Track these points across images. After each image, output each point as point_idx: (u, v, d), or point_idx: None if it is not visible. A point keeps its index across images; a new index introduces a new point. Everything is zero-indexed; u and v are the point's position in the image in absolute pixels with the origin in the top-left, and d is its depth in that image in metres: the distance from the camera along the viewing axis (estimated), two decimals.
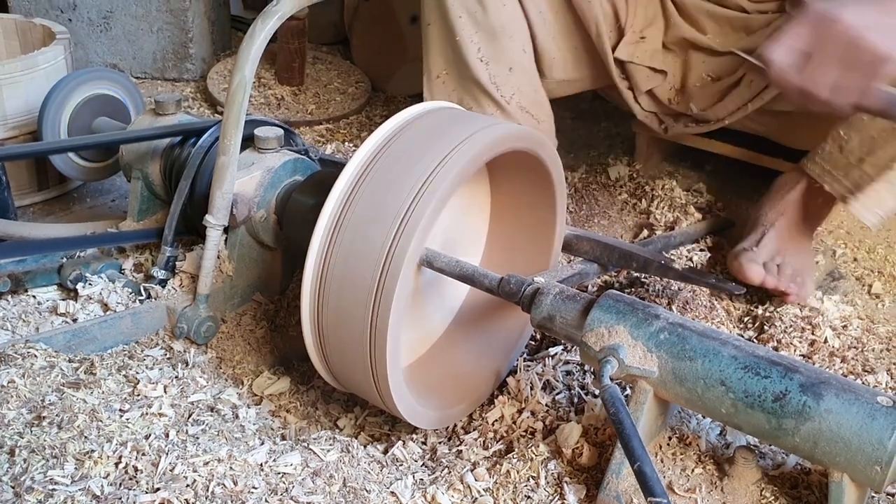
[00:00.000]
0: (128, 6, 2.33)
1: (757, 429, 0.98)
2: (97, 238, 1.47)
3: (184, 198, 1.36)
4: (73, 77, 1.65)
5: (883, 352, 1.46)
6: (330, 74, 2.43)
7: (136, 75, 2.42)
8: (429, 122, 1.14)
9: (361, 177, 1.09)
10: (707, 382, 0.99)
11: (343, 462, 1.09)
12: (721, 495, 1.04)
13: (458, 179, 1.07)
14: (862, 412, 0.92)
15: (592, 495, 1.07)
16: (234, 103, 1.22)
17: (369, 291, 1.04)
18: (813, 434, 0.93)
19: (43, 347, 1.18)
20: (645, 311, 1.05)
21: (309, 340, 1.13)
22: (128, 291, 1.37)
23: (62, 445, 0.97)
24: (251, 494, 0.98)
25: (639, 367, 1.02)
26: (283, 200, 1.34)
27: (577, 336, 1.08)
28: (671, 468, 1.07)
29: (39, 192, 1.79)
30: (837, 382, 0.95)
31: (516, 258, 1.36)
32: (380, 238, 1.04)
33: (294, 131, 1.45)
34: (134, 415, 1.07)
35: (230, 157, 1.24)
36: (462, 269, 1.15)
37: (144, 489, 0.94)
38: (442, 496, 1.07)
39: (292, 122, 2.14)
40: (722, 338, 1.01)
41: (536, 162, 1.22)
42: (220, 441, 1.07)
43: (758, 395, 0.96)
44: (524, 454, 1.12)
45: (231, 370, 1.31)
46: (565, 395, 1.27)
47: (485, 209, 1.36)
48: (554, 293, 1.11)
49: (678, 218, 1.78)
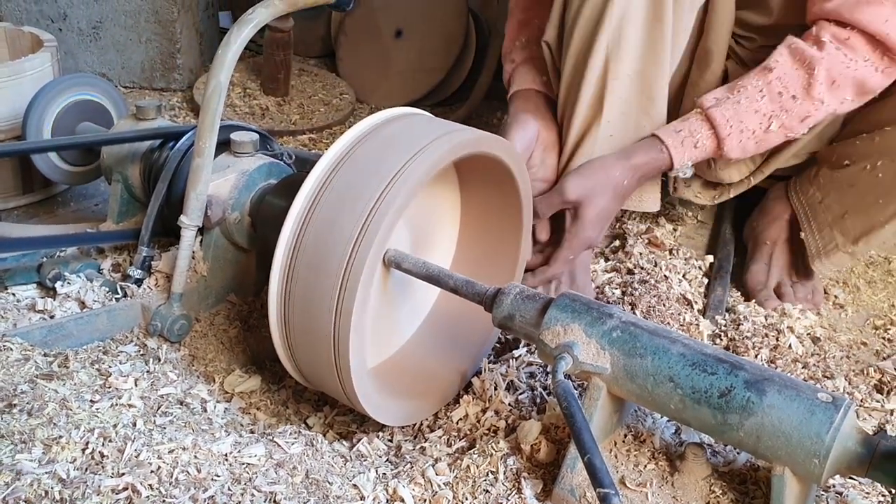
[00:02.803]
0: (117, 17, 2.38)
1: (704, 424, 1.01)
2: (76, 237, 1.50)
3: (161, 199, 1.39)
4: (58, 82, 1.69)
5: (843, 359, 1.50)
6: (315, 86, 2.48)
7: (125, 85, 2.47)
8: (396, 126, 1.18)
9: (328, 178, 1.12)
10: (657, 379, 1.02)
11: (307, 455, 1.12)
12: (671, 490, 1.07)
13: (422, 178, 1.10)
14: (802, 408, 0.95)
15: (549, 490, 1.10)
16: (210, 107, 1.26)
17: (334, 290, 1.07)
18: (756, 429, 0.97)
19: (19, 342, 1.21)
20: (599, 310, 1.09)
21: (277, 338, 1.16)
22: (105, 290, 1.40)
23: (31, 431, 1.00)
24: (214, 482, 1.01)
25: (592, 364, 1.06)
26: (257, 203, 1.37)
27: (534, 334, 1.11)
28: (624, 464, 1.11)
29: (24, 196, 1.83)
30: (780, 380, 0.99)
31: (483, 268, 1.39)
32: (344, 237, 1.07)
33: (270, 136, 1.49)
34: (103, 405, 1.10)
35: (205, 160, 1.28)
36: (428, 270, 1.19)
37: (110, 474, 0.97)
38: (403, 489, 1.10)
39: (276, 132, 2.18)
40: (672, 336, 1.05)
41: (502, 169, 1.26)
42: (187, 431, 1.10)
43: (704, 391, 1.00)
44: (484, 450, 1.15)
45: (203, 368, 1.34)
46: (528, 395, 1.30)
47: (455, 218, 1.40)
48: (514, 293, 1.15)
49: (650, 228, 1.82)
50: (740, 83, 1.40)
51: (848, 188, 1.54)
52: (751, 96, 1.39)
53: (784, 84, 1.37)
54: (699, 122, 1.41)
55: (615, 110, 1.42)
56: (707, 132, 1.40)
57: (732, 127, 1.39)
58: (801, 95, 1.37)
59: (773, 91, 1.38)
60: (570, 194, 1.40)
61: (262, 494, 1.01)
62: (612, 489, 0.91)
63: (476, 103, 2.43)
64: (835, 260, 1.58)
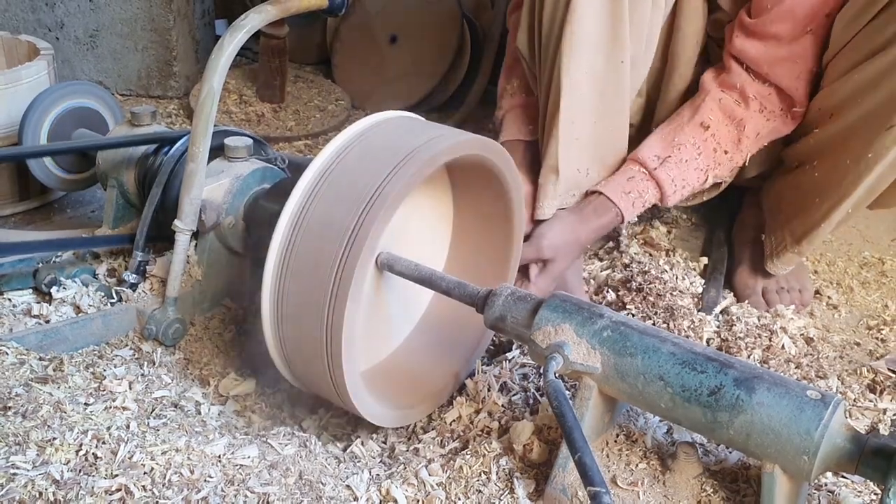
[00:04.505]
0: (113, 25, 2.39)
1: (694, 422, 1.02)
2: (72, 241, 1.51)
3: (155, 204, 1.40)
4: (55, 89, 1.70)
5: (836, 359, 1.51)
6: (311, 92, 2.49)
7: (122, 92, 2.48)
8: (386, 130, 1.18)
9: (320, 182, 1.13)
10: (647, 378, 1.03)
11: (300, 456, 1.13)
12: (663, 488, 1.07)
13: (413, 181, 1.11)
14: (791, 405, 0.96)
15: (541, 490, 1.10)
16: (203, 112, 1.27)
17: (326, 292, 1.08)
18: (746, 426, 0.97)
19: (14, 346, 1.22)
20: (590, 310, 1.09)
21: (270, 341, 1.17)
22: (100, 295, 1.41)
23: (25, 433, 1.00)
24: (207, 483, 1.01)
25: (583, 364, 1.06)
26: (250, 207, 1.38)
27: (526, 335, 1.12)
28: (616, 463, 1.11)
29: (21, 203, 1.84)
30: (770, 377, 0.99)
31: (476, 271, 1.40)
32: (336, 240, 1.08)
33: (263, 141, 1.50)
34: (97, 408, 1.11)
35: (198, 164, 1.29)
36: (420, 273, 1.20)
37: (103, 475, 0.97)
38: (396, 490, 1.10)
39: (272, 138, 2.19)
40: (662, 335, 1.06)
41: (493, 172, 1.27)
42: (180, 433, 1.10)
43: (694, 389, 1.00)
44: (477, 450, 1.15)
45: (198, 371, 1.34)
46: (521, 396, 1.31)
47: (447, 221, 1.41)
48: (506, 294, 1.15)
49: (645, 228, 1.83)
50: (677, 139, 1.54)
51: (794, 189, 1.59)
52: (690, 155, 1.54)
53: (717, 140, 1.54)
54: (645, 183, 1.53)
55: (575, 109, 1.48)
56: (653, 191, 1.54)
57: (676, 185, 1.54)
58: (731, 150, 1.55)
59: (708, 148, 1.54)
60: (546, 252, 1.50)
61: (256, 495, 1.02)
62: (602, 487, 0.92)
63: (471, 109, 2.44)
64: (784, 260, 1.62)
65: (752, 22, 1.48)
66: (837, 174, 1.45)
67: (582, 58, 1.43)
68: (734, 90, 1.53)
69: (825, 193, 1.49)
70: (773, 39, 1.47)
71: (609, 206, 1.52)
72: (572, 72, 1.44)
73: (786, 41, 1.47)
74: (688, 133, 1.53)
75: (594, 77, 1.46)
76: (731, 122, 1.53)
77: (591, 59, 1.44)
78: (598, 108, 1.50)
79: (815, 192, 1.51)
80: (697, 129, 1.53)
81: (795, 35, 1.46)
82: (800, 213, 1.55)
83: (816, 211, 1.51)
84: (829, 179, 1.48)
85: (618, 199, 1.52)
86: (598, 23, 1.42)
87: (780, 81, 1.51)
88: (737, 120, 1.53)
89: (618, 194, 1.52)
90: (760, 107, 1.53)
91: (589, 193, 1.56)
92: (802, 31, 1.46)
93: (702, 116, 1.53)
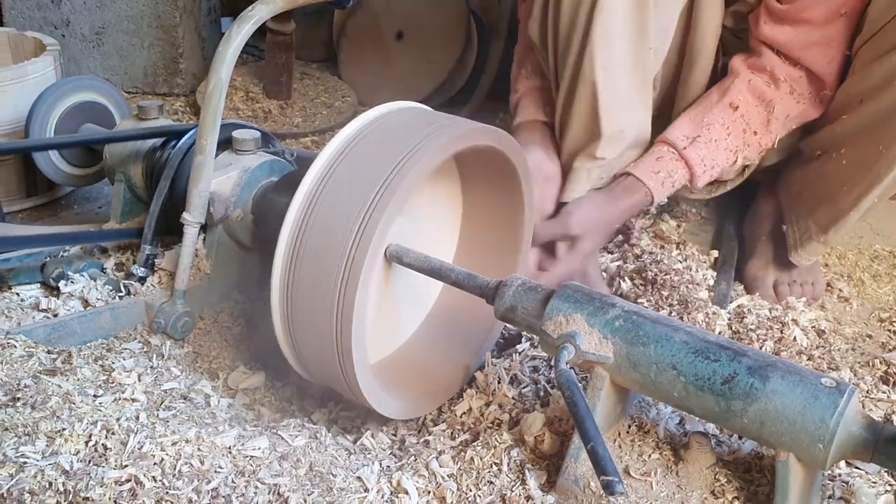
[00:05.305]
0: (120, 22, 2.39)
1: (707, 411, 1.01)
2: (80, 235, 1.51)
3: (163, 197, 1.40)
4: (61, 85, 1.70)
5: (848, 351, 1.50)
6: (317, 89, 2.48)
7: (128, 90, 2.48)
8: (395, 120, 1.18)
9: (328, 174, 1.13)
10: (659, 367, 1.02)
11: (311, 448, 1.12)
12: (676, 479, 1.06)
13: (422, 171, 1.10)
14: (806, 393, 0.95)
15: (553, 481, 1.09)
16: (211, 104, 1.26)
17: (336, 284, 1.07)
18: (760, 414, 0.97)
19: (23, 339, 1.22)
20: (601, 300, 1.08)
21: (280, 334, 1.16)
22: (108, 289, 1.41)
23: (35, 424, 1.00)
24: (217, 474, 1.01)
25: (595, 353, 1.05)
26: (259, 200, 1.38)
27: (537, 325, 1.11)
28: (629, 453, 1.10)
29: (28, 199, 1.84)
30: (784, 365, 0.98)
31: (486, 260, 1.39)
32: (345, 231, 1.08)
33: (271, 135, 1.49)
34: (106, 399, 1.10)
35: (206, 157, 1.28)
36: (430, 264, 1.19)
37: (113, 465, 0.97)
38: (407, 481, 1.09)
39: (279, 135, 2.18)
40: (674, 324, 1.05)
41: (503, 160, 1.26)
42: (190, 425, 1.10)
43: (707, 377, 0.99)
44: (488, 442, 1.15)
45: (207, 364, 1.34)
46: (531, 388, 1.30)
47: (457, 211, 1.40)
48: (516, 285, 1.15)
49: (655, 221, 1.82)
50: (706, 119, 1.52)
51: (819, 178, 1.57)
52: (719, 135, 1.52)
53: (747, 121, 1.52)
54: (675, 163, 1.52)
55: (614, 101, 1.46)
56: (682, 171, 1.52)
57: (706, 165, 1.52)
58: (761, 131, 1.53)
59: (737, 128, 1.52)
60: (574, 228, 1.48)
61: (266, 486, 1.01)
62: (615, 476, 0.91)
63: (478, 105, 2.43)
64: (809, 249, 1.61)
65: (784, 8, 1.46)
66: (868, 160, 1.44)
67: (614, 48, 1.42)
68: (764, 72, 1.51)
69: (854, 180, 1.47)
70: (806, 24, 1.46)
71: (638, 185, 1.51)
72: (606, 63, 1.43)
73: (819, 24, 1.45)
74: (717, 113, 1.52)
75: (624, 67, 1.45)
76: (761, 103, 1.52)
77: (623, 49, 1.43)
78: (632, 97, 1.49)
79: (842, 180, 1.50)
80: (727, 110, 1.52)
81: (829, 18, 1.45)
82: (825, 202, 1.54)
83: (844, 199, 1.50)
84: (859, 166, 1.46)
85: (647, 179, 1.51)
86: (627, 14, 1.40)
87: (812, 65, 1.49)
88: (766, 101, 1.51)
89: (647, 174, 1.51)
90: (791, 89, 1.51)
91: (617, 175, 1.54)
92: (836, 13, 1.44)
93: (731, 97, 1.52)
